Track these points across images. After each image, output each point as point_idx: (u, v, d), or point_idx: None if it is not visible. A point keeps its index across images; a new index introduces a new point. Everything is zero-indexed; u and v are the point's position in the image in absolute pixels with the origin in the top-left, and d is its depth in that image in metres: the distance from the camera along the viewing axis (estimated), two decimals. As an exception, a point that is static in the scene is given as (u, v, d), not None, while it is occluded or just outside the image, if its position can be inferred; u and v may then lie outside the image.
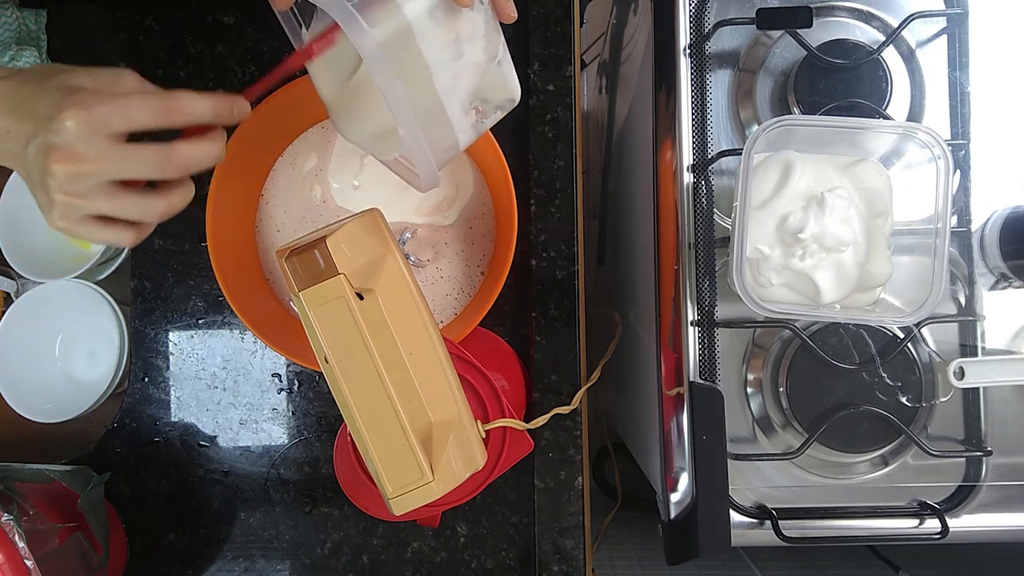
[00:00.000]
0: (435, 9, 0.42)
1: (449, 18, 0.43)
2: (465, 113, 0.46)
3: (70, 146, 0.41)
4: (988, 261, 0.60)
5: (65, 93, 0.42)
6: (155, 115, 0.43)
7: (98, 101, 0.42)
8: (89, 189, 0.43)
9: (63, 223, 0.44)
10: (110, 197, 0.44)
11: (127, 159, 0.43)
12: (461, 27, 0.43)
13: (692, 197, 0.59)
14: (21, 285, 0.81)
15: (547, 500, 0.68)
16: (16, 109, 0.43)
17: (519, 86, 0.48)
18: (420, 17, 0.42)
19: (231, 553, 0.73)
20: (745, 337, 0.61)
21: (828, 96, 0.59)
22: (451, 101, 0.45)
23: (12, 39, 0.73)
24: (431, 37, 0.43)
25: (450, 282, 0.70)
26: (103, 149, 0.42)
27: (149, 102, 0.43)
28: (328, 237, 0.45)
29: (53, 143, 0.41)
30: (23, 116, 0.43)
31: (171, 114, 0.43)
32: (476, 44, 0.44)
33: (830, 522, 0.59)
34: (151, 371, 0.74)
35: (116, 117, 0.42)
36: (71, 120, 0.41)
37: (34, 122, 0.42)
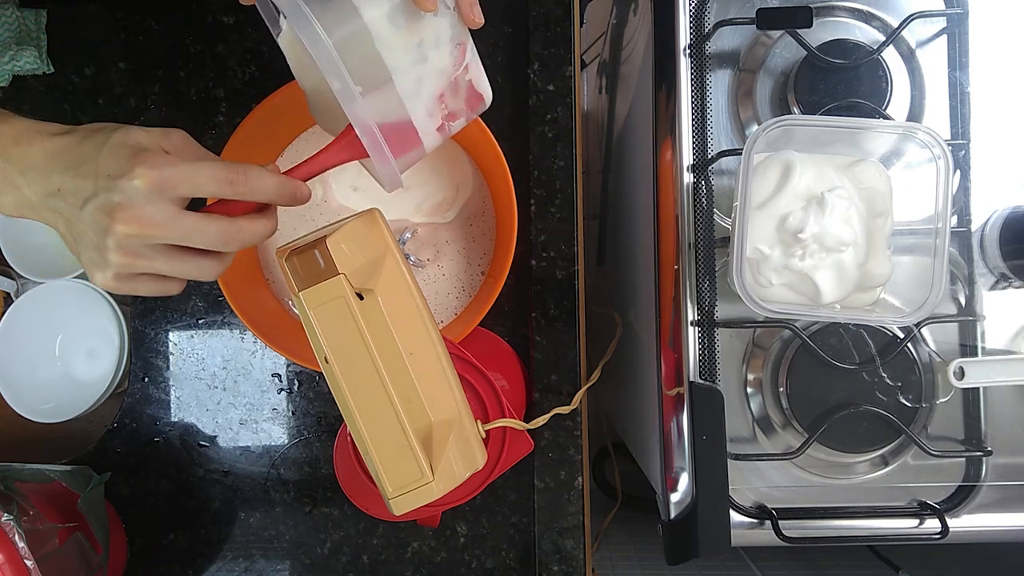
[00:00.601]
0: (395, 13, 0.42)
1: (411, 23, 0.43)
2: (430, 116, 0.46)
3: (136, 207, 0.41)
4: (988, 261, 0.60)
5: (132, 152, 0.42)
6: (221, 187, 0.43)
7: (167, 164, 0.42)
8: (148, 249, 0.43)
9: (115, 282, 0.44)
10: (169, 259, 0.44)
11: (192, 229, 0.43)
12: (424, 32, 0.43)
13: (692, 197, 0.59)
14: (21, 285, 0.81)
15: (547, 500, 0.68)
16: (75, 168, 0.43)
17: (490, 89, 0.48)
18: (378, 21, 0.42)
19: (231, 553, 0.73)
20: (745, 337, 0.61)
21: (828, 96, 0.59)
22: (414, 105, 0.45)
23: (12, 39, 0.73)
24: (391, 42, 0.42)
25: (450, 281, 0.70)
26: (169, 214, 0.42)
27: (218, 173, 0.43)
28: (328, 237, 0.45)
29: (118, 202, 0.41)
30: (83, 174, 0.42)
31: (236, 188, 0.43)
32: (441, 49, 0.44)
33: (830, 522, 0.59)
34: (151, 371, 0.74)
35: (184, 183, 0.42)
36: (140, 180, 0.41)
37: (96, 180, 0.42)
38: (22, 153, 0.44)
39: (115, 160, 0.42)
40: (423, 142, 0.47)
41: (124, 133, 0.43)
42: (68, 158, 0.43)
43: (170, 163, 0.42)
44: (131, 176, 0.41)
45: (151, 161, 0.41)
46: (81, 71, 0.75)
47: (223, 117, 0.74)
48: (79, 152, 0.43)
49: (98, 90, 0.74)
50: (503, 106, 0.72)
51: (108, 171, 0.42)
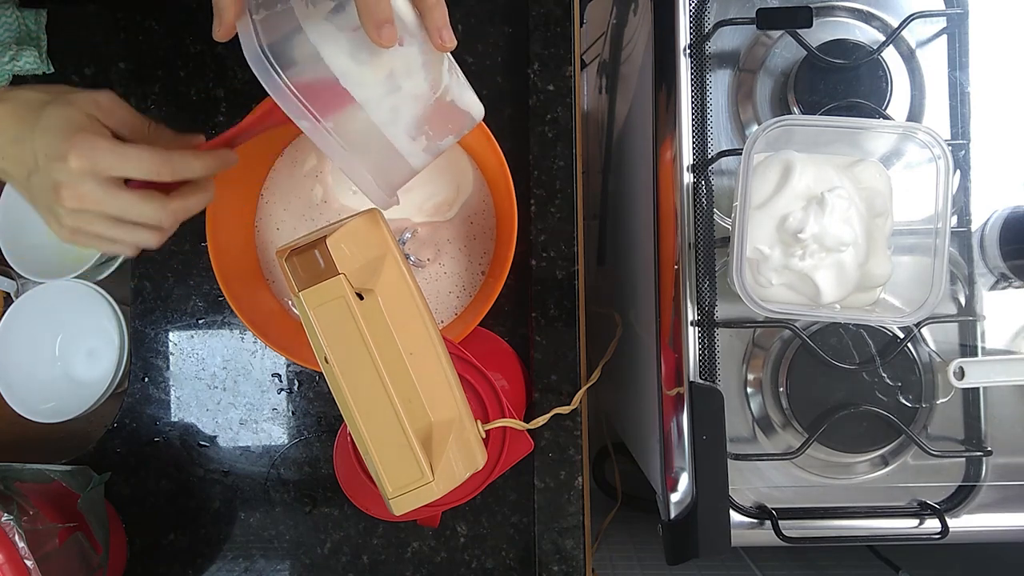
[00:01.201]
0: (357, 51, 0.42)
1: (375, 58, 0.42)
2: (413, 139, 0.46)
3: (74, 186, 0.45)
4: (988, 261, 0.60)
5: (64, 134, 0.45)
6: (149, 170, 0.47)
7: (98, 149, 0.45)
8: (93, 218, 0.47)
9: (69, 238, 0.48)
10: (111, 227, 0.48)
11: (127, 207, 0.47)
12: (393, 64, 0.43)
13: (692, 197, 0.59)
14: (21, 285, 0.81)
15: (547, 500, 0.68)
16: (15, 141, 0.47)
17: (478, 103, 0.48)
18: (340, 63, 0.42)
19: (231, 553, 0.73)
20: (745, 337, 0.61)
21: (828, 96, 0.59)
22: (394, 132, 0.45)
23: (12, 39, 0.73)
24: (358, 78, 0.43)
25: (451, 279, 0.70)
26: (105, 191, 0.46)
27: (145, 158, 0.46)
28: (328, 237, 0.45)
29: (60, 181, 0.45)
30: (23, 149, 0.46)
31: (163, 173, 0.47)
32: (414, 76, 0.44)
33: (830, 522, 0.59)
34: (151, 371, 0.74)
35: (114, 167, 0.46)
36: (74, 163, 0.45)
37: (35, 157, 0.46)
38: None
39: (49, 141, 0.45)
40: (410, 162, 0.47)
41: (54, 110, 0.46)
42: (9, 129, 0.47)
43: (99, 148, 0.45)
44: (65, 160, 0.45)
45: (81, 146, 0.45)
46: (81, 71, 0.75)
47: (223, 117, 0.74)
48: (17, 123, 0.47)
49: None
50: (503, 106, 0.72)
51: (45, 151, 0.45)
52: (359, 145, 0.44)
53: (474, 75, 0.72)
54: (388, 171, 0.46)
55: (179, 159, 0.48)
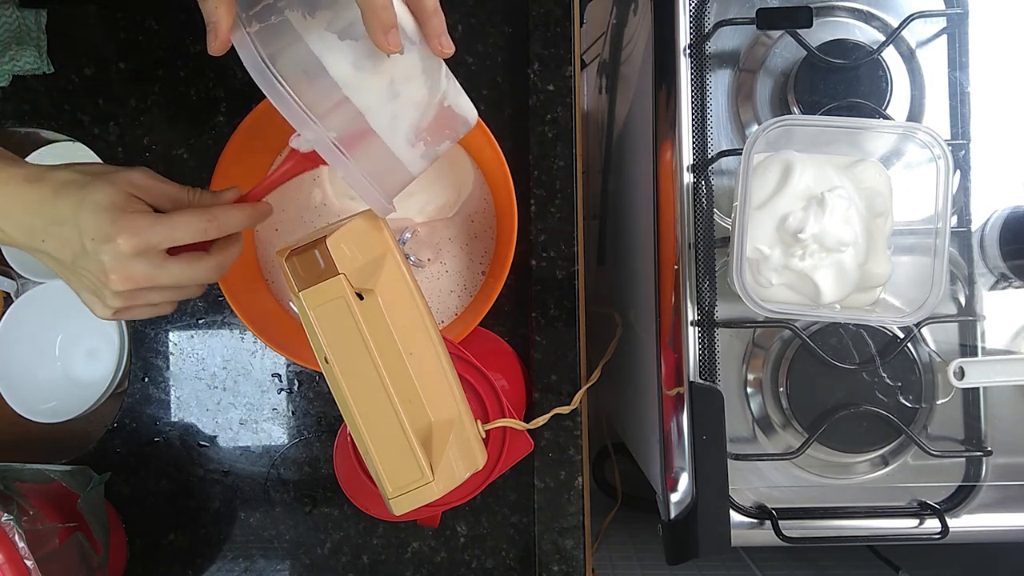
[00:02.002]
0: (359, 59, 0.42)
1: (377, 65, 0.43)
2: (412, 146, 0.46)
3: (125, 268, 0.46)
4: (988, 261, 0.60)
5: (110, 216, 0.45)
6: (196, 235, 0.48)
7: (145, 226, 0.46)
8: (144, 294, 0.48)
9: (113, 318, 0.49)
10: (161, 293, 0.49)
11: (180, 275, 0.48)
12: (394, 71, 0.43)
13: (692, 197, 0.59)
14: (21, 285, 0.81)
15: (547, 500, 0.68)
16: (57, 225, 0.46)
17: (472, 108, 0.48)
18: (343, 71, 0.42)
19: (231, 553, 0.73)
20: (745, 337, 0.61)
21: (828, 96, 0.59)
22: (393, 138, 0.45)
23: (12, 39, 0.73)
24: (361, 87, 0.43)
25: (453, 278, 0.70)
26: (155, 266, 0.47)
27: (192, 221, 0.47)
28: (328, 237, 0.45)
29: (110, 266, 0.45)
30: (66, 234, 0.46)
31: (210, 232, 0.48)
32: (414, 83, 0.44)
33: (830, 522, 0.59)
34: (151, 371, 0.74)
35: (165, 240, 0.46)
36: (125, 245, 0.45)
37: (81, 240, 0.45)
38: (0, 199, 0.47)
39: (95, 224, 0.45)
40: (408, 169, 0.47)
41: (96, 193, 0.46)
42: (47, 213, 0.46)
43: (148, 225, 0.46)
44: (115, 243, 0.45)
45: (131, 227, 0.45)
46: (81, 71, 0.75)
47: (223, 117, 0.74)
48: (56, 210, 0.46)
49: (98, 90, 0.74)
50: (503, 106, 0.72)
51: (91, 235, 0.45)
52: (359, 153, 0.44)
53: (474, 75, 0.72)
54: (387, 178, 0.47)
55: (223, 214, 0.49)
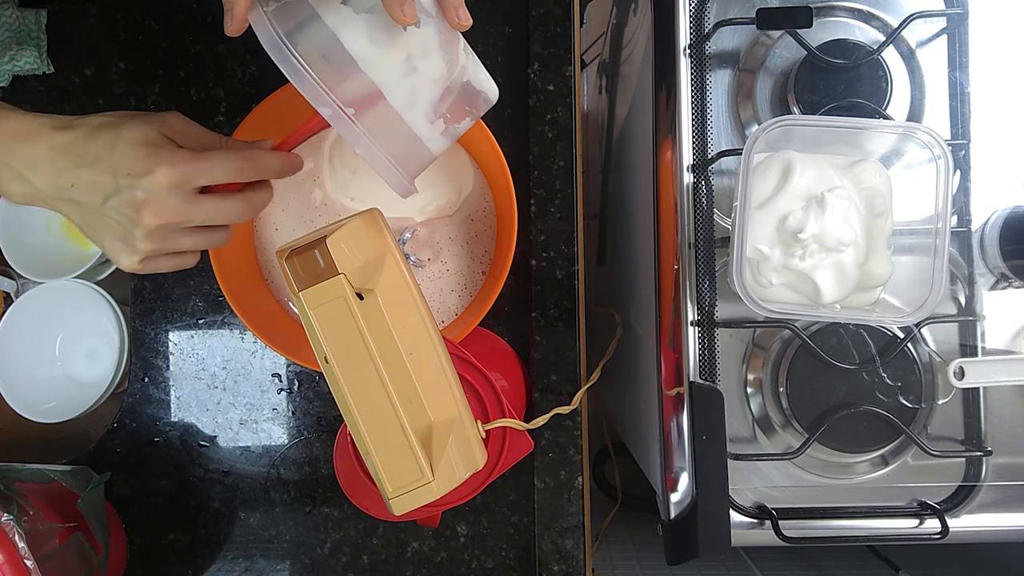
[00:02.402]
0: (375, 33, 0.42)
1: (393, 39, 0.42)
2: (431, 123, 0.45)
3: (161, 201, 0.45)
4: (988, 261, 0.60)
5: (148, 150, 0.45)
6: (232, 174, 0.47)
7: (184, 161, 0.46)
8: (173, 234, 0.48)
9: (140, 265, 0.48)
10: (190, 237, 0.49)
11: (214, 211, 0.48)
12: (411, 45, 0.43)
13: (692, 197, 0.59)
14: (21, 285, 0.81)
15: (547, 500, 0.68)
16: (89, 165, 0.46)
17: (493, 84, 0.47)
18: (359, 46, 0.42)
19: (231, 553, 0.73)
20: (745, 337, 0.61)
21: (828, 96, 0.59)
22: (412, 115, 0.45)
23: (12, 39, 0.73)
24: (376, 61, 0.42)
25: (453, 277, 0.70)
26: (190, 202, 0.46)
27: (229, 159, 0.47)
28: (328, 237, 0.45)
29: (143, 199, 0.45)
30: (99, 172, 0.45)
31: (246, 173, 0.48)
32: (432, 58, 0.44)
33: (830, 522, 0.59)
34: (151, 371, 0.74)
35: (201, 175, 0.46)
36: (162, 177, 0.45)
37: (115, 177, 0.45)
38: (28, 149, 0.46)
39: (131, 159, 0.45)
40: (429, 148, 0.47)
41: (132, 131, 0.46)
42: (78, 155, 0.46)
43: (186, 159, 0.46)
44: (152, 174, 0.45)
45: (169, 159, 0.45)
46: (81, 71, 0.75)
47: (223, 117, 0.74)
48: (89, 150, 0.46)
49: (98, 90, 0.74)
50: (503, 106, 0.72)
51: (127, 169, 0.45)
52: (378, 130, 0.44)
53: (474, 75, 0.72)
54: (407, 156, 0.46)
55: (259, 157, 0.49)
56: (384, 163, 0.45)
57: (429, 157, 0.47)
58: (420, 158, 0.47)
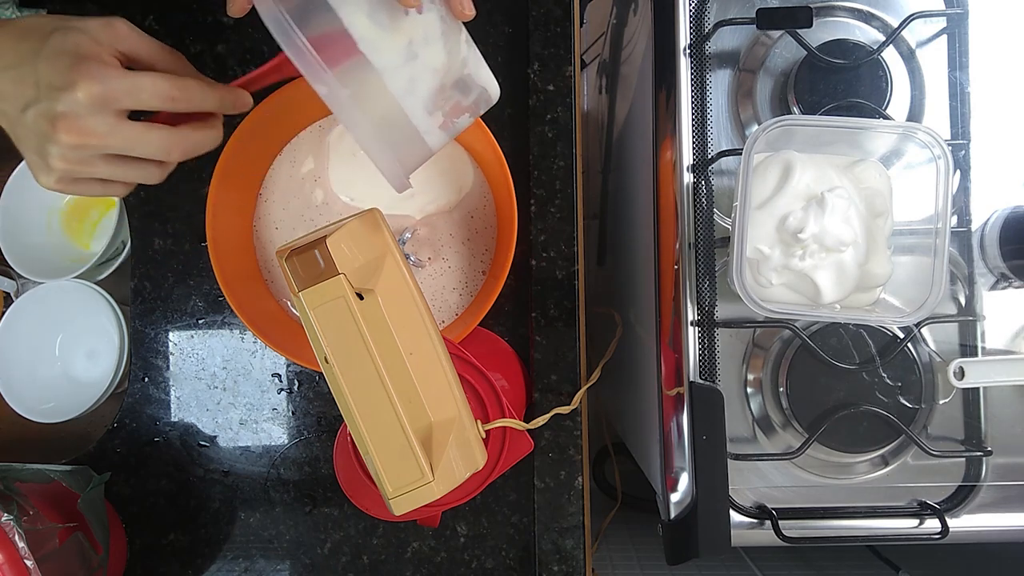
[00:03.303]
0: (377, 14, 0.41)
1: (395, 22, 0.42)
2: (430, 114, 0.45)
3: (79, 118, 0.41)
4: (988, 261, 0.60)
5: (73, 60, 0.41)
6: (163, 101, 0.43)
7: (110, 77, 0.42)
8: (91, 158, 0.43)
9: (59, 185, 0.45)
10: (110, 165, 0.44)
11: (134, 139, 0.43)
12: (412, 31, 0.42)
13: (692, 197, 0.59)
14: (21, 285, 0.81)
15: (547, 500, 0.68)
16: (13, 68, 0.42)
17: (495, 81, 0.47)
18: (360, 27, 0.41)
19: (231, 553, 0.73)
20: (745, 337, 0.61)
21: (828, 96, 0.59)
22: (410, 103, 0.44)
23: (12, 39, 0.73)
24: (377, 43, 0.42)
25: (453, 275, 0.70)
26: (111, 125, 0.42)
27: (160, 87, 0.43)
28: (328, 237, 0.45)
29: (60, 112, 0.41)
30: (22, 78, 0.42)
31: (178, 103, 0.44)
32: (433, 46, 0.43)
33: (830, 522, 0.59)
34: (151, 371, 0.74)
35: (127, 96, 0.42)
36: (82, 93, 0.41)
37: (36, 87, 0.42)
38: None
39: (55, 69, 0.41)
40: (426, 140, 0.46)
41: (62, 36, 0.42)
42: (4, 57, 0.43)
43: (111, 76, 0.42)
44: (72, 88, 0.41)
45: (93, 73, 0.41)
46: (81, 71, 0.75)
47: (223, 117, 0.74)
48: (16, 52, 0.42)
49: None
50: (503, 106, 0.71)
51: (48, 80, 0.41)
52: (376, 117, 0.43)
53: (474, 75, 0.72)
54: (403, 147, 0.45)
55: (196, 87, 0.44)
56: (380, 150, 0.44)
57: (426, 151, 0.47)
58: (416, 150, 0.46)
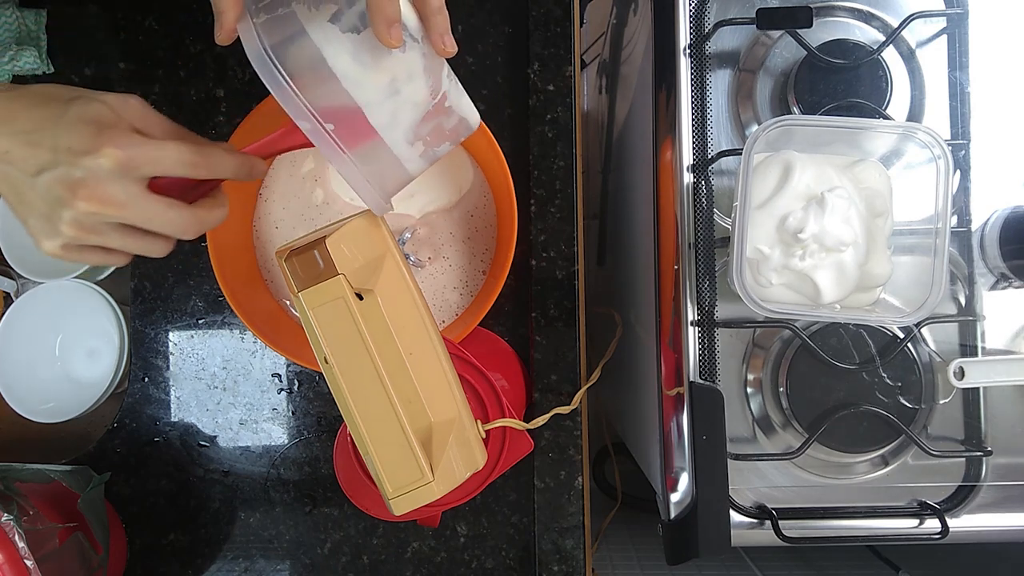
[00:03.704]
0: (360, 53, 0.42)
1: (378, 60, 0.42)
2: (411, 144, 0.46)
3: (100, 185, 0.41)
4: (988, 261, 0.60)
5: (97, 128, 0.41)
6: (185, 169, 0.43)
7: (134, 144, 0.41)
8: (103, 226, 0.43)
9: (62, 252, 0.44)
10: (122, 236, 0.44)
11: (155, 213, 0.43)
12: (395, 68, 0.43)
13: (692, 197, 0.59)
14: (21, 285, 0.81)
15: (547, 500, 0.68)
16: (28, 134, 0.42)
17: (475, 111, 0.48)
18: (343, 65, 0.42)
19: (231, 553, 0.73)
20: (745, 337, 0.61)
21: (828, 96, 0.59)
22: (392, 136, 0.45)
23: (12, 39, 0.73)
24: (360, 82, 0.42)
25: (453, 274, 0.70)
26: (132, 194, 0.42)
27: (183, 156, 0.43)
28: (328, 237, 0.45)
29: (80, 178, 0.41)
30: (38, 143, 0.41)
31: (199, 170, 0.44)
32: (415, 82, 0.44)
33: (830, 522, 0.59)
34: (151, 371, 0.74)
35: (150, 164, 0.42)
36: (107, 159, 0.40)
37: (54, 152, 0.41)
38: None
39: (77, 135, 0.41)
40: (407, 168, 0.47)
41: (83, 106, 0.42)
42: (18, 122, 0.42)
43: (137, 143, 0.42)
44: (97, 154, 0.40)
45: (118, 140, 0.41)
46: (81, 71, 0.75)
47: (223, 117, 0.74)
48: (31, 118, 0.42)
49: (98, 90, 0.74)
50: (503, 106, 0.72)
51: (69, 145, 0.41)
52: (357, 148, 0.44)
53: (474, 75, 0.72)
54: (385, 176, 0.47)
55: (215, 154, 0.44)
56: (361, 181, 0.45)
57: (407, 177, 0.48)
58: (398, 178, 0.47)
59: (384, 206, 0.47)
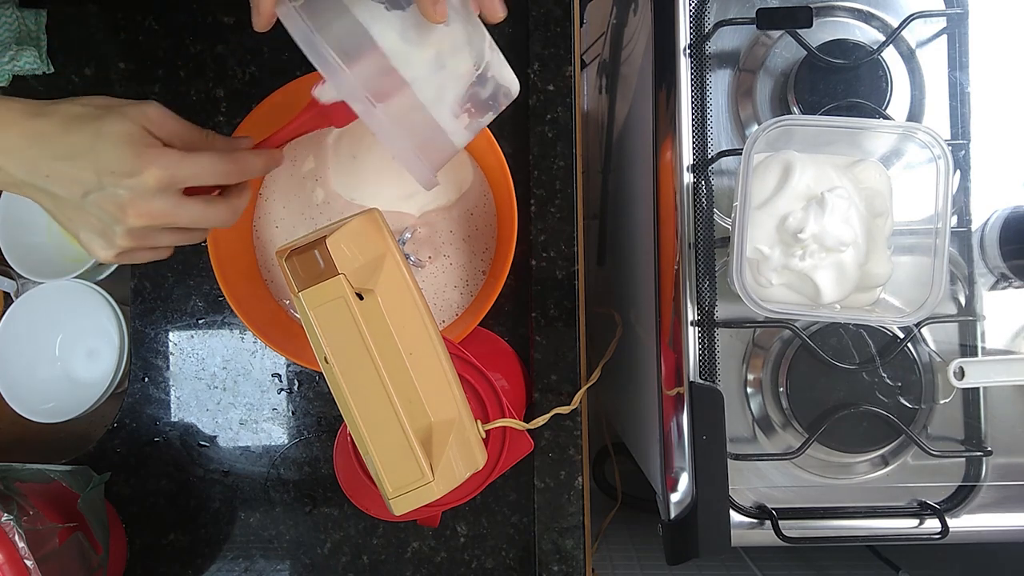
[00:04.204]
0: (406, 30, 0.43)
1: (423, 36, 0.43)
2: (456, 117, 0.46)
3: (146, 202, 0.45)
4: (988, 261, 0.60)
5: (135, 149, 0.44)
6: (220, 178, 0.48)
7: (173, 162, 0.45)
8: (154, 233, 0.47)
9: (116, 258, 0.48)
10: (170, 236, 0.49)
11: (198, 214, 0.48)
12: (440, 43, 0.44)
13: (692, 197, 0.59)
14: (21, 285, 0.81)
15: (547, 500, 0.68)
16: (68, 159, 0.44)
17: (515, 79, 0.48)
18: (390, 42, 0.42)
19: (231, 553, 0.73)
20: (745, 337, 0.61)
21: (828, 96, 0.59)
22: (439, 109, 0.45)
23: (12, 39, 0.73)
24: (407, 58, 0.43)
25: (455, 272, 0.70)
26: (175, 204, 0.46)
27: (216, 167, 0.47)
28: (328, 237, 0.45)
29: (128, 199, 0.44)
30: (81, 167, 0.44)
31: (232, 176, 0.48)
32: (459, 54, 0.45)
33: (830, 522, 0.59)
34: (151, 371, 0.74)
35: (190, 178, 0.46)
36: (151, 179, 0.44)
37: (98, 175, 0.44)
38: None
39: (117, 158, 0.44)
40: (453, 141, 0.47)
41: (114, 125, 0.45)
42: (56, 146, 0.45)
43: (175, 162, 0.45)
44: (140, 175, 0.44)
45: (158, 160, 0.44)
46: (81, 71, 0.75)
47: (223, 117, 0.74)
48: (68, 142, 0.45)
49: (98, 90, 0.74)
50: (503, 106, 0.72)
51: (112, 168, 0.44)
52: (405, 124, 0.45)
53: (474, 75, 0.72)
54: (432, 150, 0.47)
55: (243, 159, 0.48)
56: (411, 155, 0.45)
57: (453, 150, 0.48)
58: (444, 151, 0.48)
59: (433, 180, 0.48)
